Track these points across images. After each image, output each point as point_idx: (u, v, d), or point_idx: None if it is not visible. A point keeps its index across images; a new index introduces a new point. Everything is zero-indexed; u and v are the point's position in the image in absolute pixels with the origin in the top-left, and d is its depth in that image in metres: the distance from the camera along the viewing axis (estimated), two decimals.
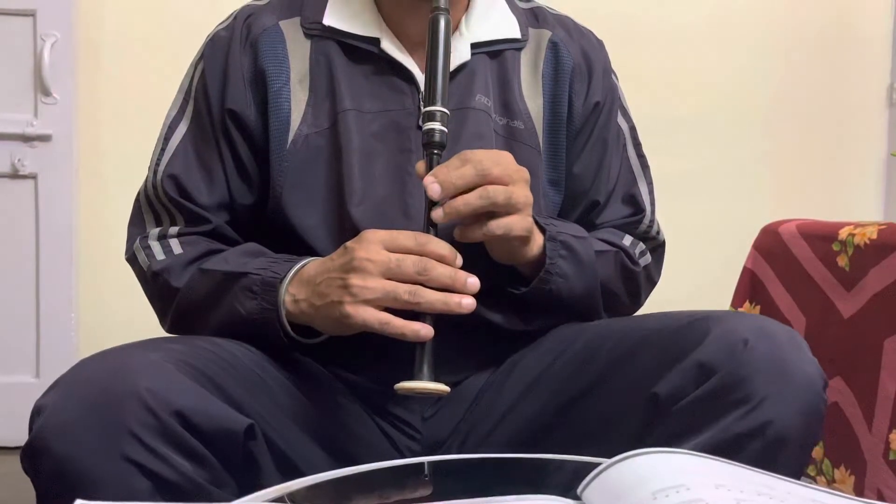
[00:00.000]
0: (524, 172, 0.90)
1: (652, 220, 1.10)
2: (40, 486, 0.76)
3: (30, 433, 0.75)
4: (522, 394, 0.97)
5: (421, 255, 0.84)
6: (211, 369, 0.82)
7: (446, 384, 0.84)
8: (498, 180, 0.86)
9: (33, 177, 2.43)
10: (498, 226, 0.87)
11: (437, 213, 0.85)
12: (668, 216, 1.14)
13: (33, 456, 0.75)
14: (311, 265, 0.90)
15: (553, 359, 0.97)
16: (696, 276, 2.45)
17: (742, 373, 0.79)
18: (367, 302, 0.83)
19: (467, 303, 0.84)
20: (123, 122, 2.46)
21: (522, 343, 1.01)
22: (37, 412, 0.76)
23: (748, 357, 0.80)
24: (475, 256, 0.89)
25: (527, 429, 0.95)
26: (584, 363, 0.94)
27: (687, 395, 0.81)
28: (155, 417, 0.74)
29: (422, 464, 0.80)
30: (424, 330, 0.83)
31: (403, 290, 0.83)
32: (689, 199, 2.61)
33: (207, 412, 0.77)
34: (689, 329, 0.86)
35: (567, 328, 1.00)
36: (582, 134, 1.06)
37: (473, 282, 0.85)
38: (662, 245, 1.12)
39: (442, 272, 0.84)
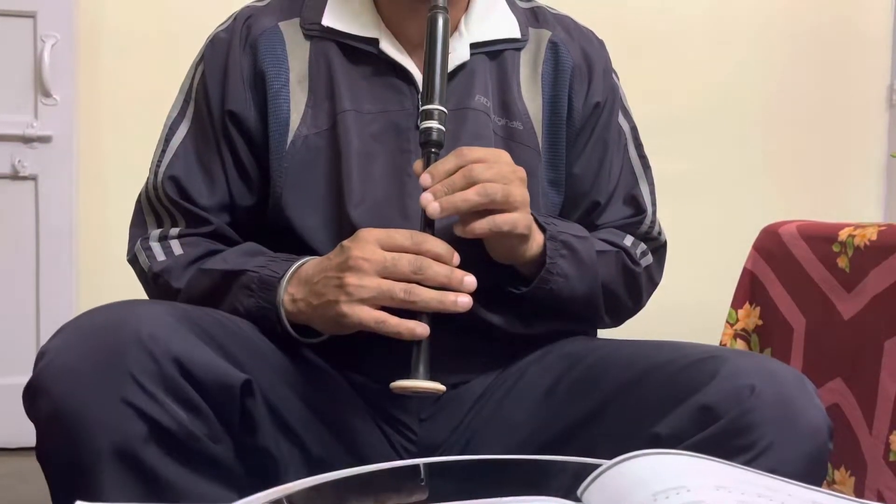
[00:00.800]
0: (520, 172, 0.90)
1: (653, 221, 1.10)
2: (39, 427, 0.77)
3: (32, 375, 0.77)
4: (526, 409, 0.97)
5: (417, 254, 0.84)
6: (212, 327, 0.83)
7: (444, 386, 0.84)
8: (492, 181, 0.86)
9: (33, 178, 2.43)
10: (504, 221, 0.87)
11: (434, 209, 0.85)
12: (667, 217, 1.14)
13: (33, 397, 0.76)
14: (308, 264, 0.90)
15: (559, 376, 0.96)
16: (696, 277, 2.45)
17: (748, 420, 0.78)
18: (363, 301, 0.83)
19: (463, 301, 0.84)
20: (124, 124, 2.46)
21: (522, 346, 1.01)
22: (40, 356, 0.78)
23: (754, 403, 0.79)
24: (474, 256, 0.89)
25: (526, 446, 0.94)
26: (590, 387, 0.93)
27: (689, 437, 0.80)
28: (155, 363, 0.75)
29: (421, 465, 0.80)
30: (420, 328, 0.83)
31: (399, 289, 0.83)
32: (689, 200, 2.60)
33: (206, 364, 0.78)
34: (694, 368, 0.84)
35: (575, 343, 1.00)
36: (582, 134, 1.06)
37: (470, 280, 0.85)
38: (664, 246, 1.12)
39: (438, 270, 0.84)
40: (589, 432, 0.91)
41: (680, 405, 0.82)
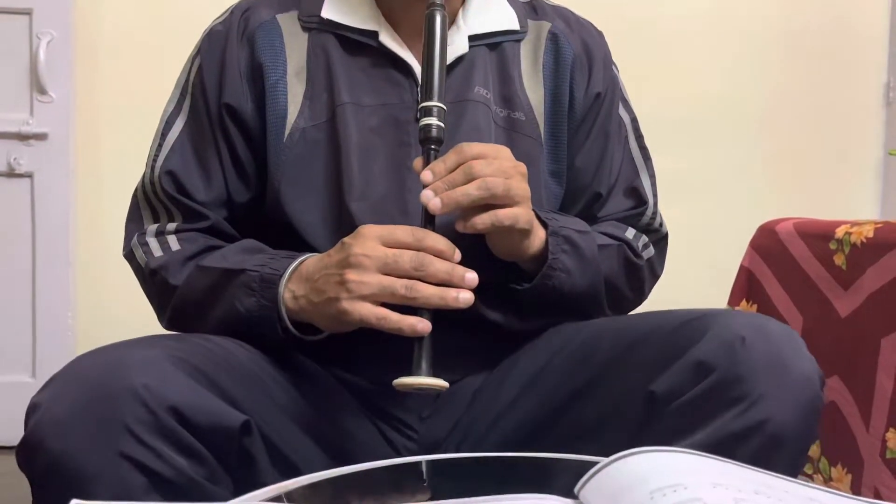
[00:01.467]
0: (521, 167, 0.90)
1: (654, 212, 1.10)
2: (35, 483, 0.76)
3: (25, 430, 0.75)
4: (520, 392, 0.97)
5: (418, 251, 0.84)
6: (207, 366, 0.82)
7: (447, 382, 0.84)
8: (493, 176, 0.86)
9: (29, 175, 2.43)
10: (506, 215, 0.87)
11: (435, 204, 0.85)
12: (665, 215, 1.14)
13: (28, 452, 0.75)
14: (309, 261, 0.90)
15: (550, 356, 0.97)
16: (693, 274, 2.45)
17: (739, 371, 0.79)
18: (364, 297, 0.83)
19: (464, 297, 0.83)
20: (120, 121, 2.46)
21: (522, 343, 1.01)
22: (32, 409, 0.76)
23: (745, 355, 0.80)
24: (475, 253, 0.89)
25: (524, 427, 0.95)
26: (581, 361, 0.93)
27: (684, 393, 0.81)
28: (150, 413, 0.74)
29: (419, 463, 0.80)
30: (421, 325, 0.82)
31: (400, 285, 0.82)
32: (687, 197, 2.61)
33: (203, 408, 0.77)
34: (686, 327, 0.85)
35: (565, 326, 1.00)
36: (583, 126, 1.06)
37: (472, 277, 0.84)
38: (665, 237, 1.12)
39: (439, 267, 0.83)
40: (586, 402, 0.91)
41: (674, 363, 0.83)
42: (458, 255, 0.86)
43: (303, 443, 0.91)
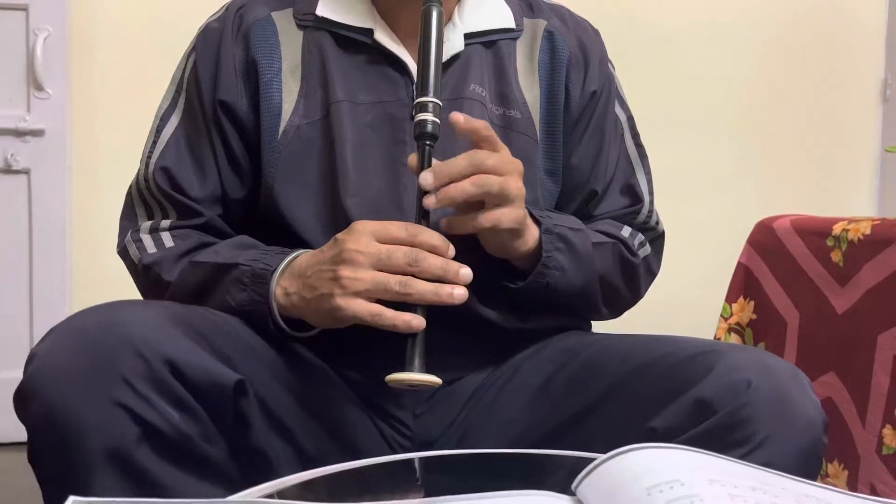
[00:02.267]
0: (518, 164, 0.90)
1: (651, 210, 1.10)
2: (30, 430, 0.76)
3: (22, 378, 0.76)
4: (521, 403, 0.96)
5: (412, 246, 0.84)
6: (204, 327, 0.83)
7: (440, 379, 0.83)
8: (493, 170, 0.86)
9: (26, 172, 2.42)
10: (487, 218, 0.87)
11: (430, 200, 0.84)
12: (663, 212, 1.13)
13: (24, 400, 0.76)
14: (302, 257, 0.90)
15: (554, 371, 0.96)
16: (690, 271, 2.46)
17: (744, 414, 0.78)
18: (358, 294, 0.83)
19: (459, 293, 0.83)
20: (116, 117, 2.46)
21: (519, 342, 1.01)
22: (29, 359, 0.77)
23: (750, 398, 0.79)
24: (470, 250, 0.89)
25: (521, 442, 0.94)
26: (585, 382, 0.93)
27: (685, 431, 0.80)
28: (147, 364, 0.74)
29: (416, 460, 0.80)
30: (416, 321, 0.82)
31: (394, 282, 0.82)
32: (684, 194, 2.61)
33: (198, 364, 0.78)
34: (691, 362, 0.85)
35: (570, 338, 1.00)
36: (579, 123, 1.06)
37: (466, 272, 0.84)
38: (662, 236, 1.12)
39: (433, 263, 0.83)
40: (584, 427, 0.91)
41: (676, 399, 0.82)
42: (451, 250, 0.86)
43: (297, 409, 0.91)
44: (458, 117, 0.86)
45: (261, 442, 0.86)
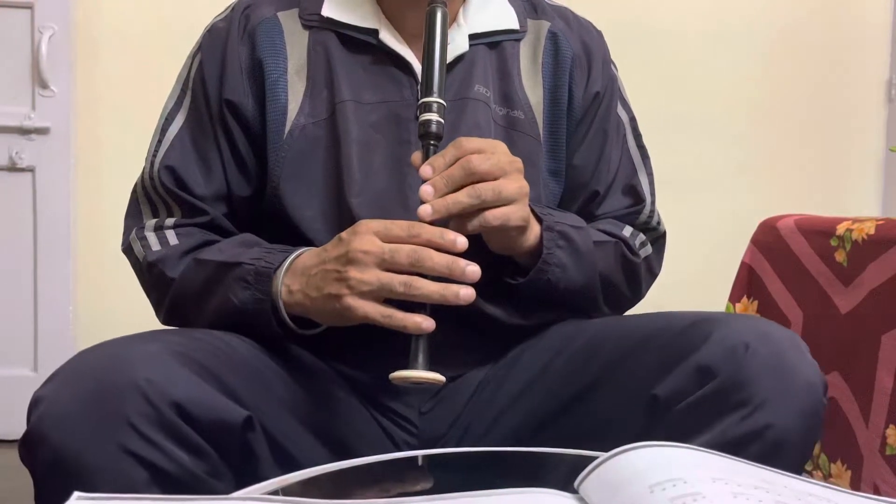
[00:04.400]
0: (517, 163, 0.90)
1: (652, 211, 1.10)
2: (37, 477, 0.76)
3: (28, 424, 0.76)
4: (522, 391, 0.97)
5: (415, 245, 0.84)
6: (209, 361, 0.82)
7: (444, 377, 0.84)
8: (487, 175, 0.86)
9: (31, 170, 2.43)
10: (494, 216, 0.87)
11: (426, 210, 0.85)
12: (666, 211, 1.14)
13: (31, 447, 0.75)
14: (304, 255, 0.90)
15: (553, 356, 0.97)
16: (694, 271, 2.45)
17: (742, 376, 0.79)
18: (365, 294, 0.83)
19: (465, 293, 0.83)
20: (121, 115, 2.46)
21: (522, 338, 1.01)
22: (34, 403, 0.76)
23: (749, 361, 0.80)
24: (473, 248, 0.89)
25: (525, 426, 0.95)
26: (585, 362, 0.93)
27: (687, 397, 0.81)
28: (153, 408, 0.74)
29: (420, 457, 0.80)
30: (426, 322, 0.82)
31: (398, 283, 0.82)
32: (687, 194, 2.61)
33: (205, 403, 0.77)
34: (690, 331, 0.85)
35: (568, 325, 1.00)
36: (582, 124, 1.06)
37: (473, 269, 0.83)
38: (663, 236, 1.12)
39: (438, 261, 0.83)
40: (588, 403, 0.92)
41: (677, 367, 0.83)
42: (461, 241, 0.85)
43: (304, 437, 0.91)
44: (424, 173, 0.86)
45: (267, 473, 0.86)
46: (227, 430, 0.79)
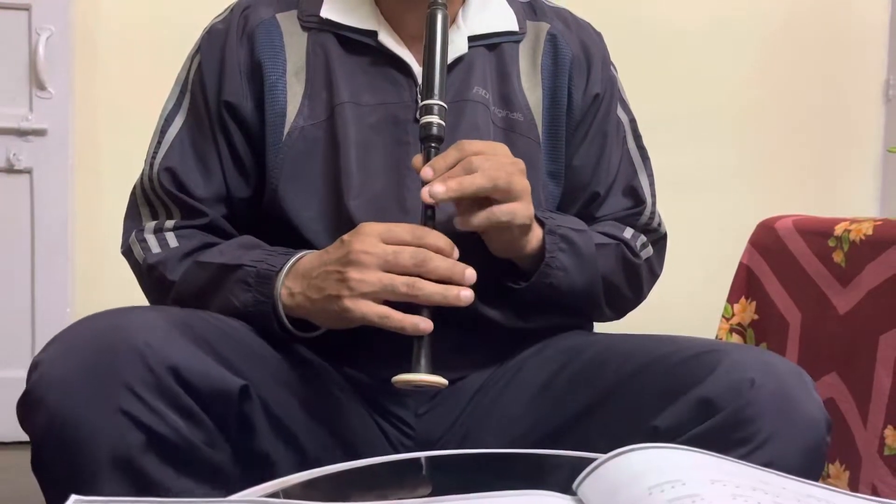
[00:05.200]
0: (520, 164, 0.90)
1: (653, 212, 1.10)
2: (35, 439, 0.76)
3: (26, 387, 0.76)
4: (523, 402, 0.96)
5: (419, 248, 0.84)
6: (208, 333, 0.83)
7: (446, 380, 0.84)
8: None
9: (28, 171, 2.42)
10: (502, 211, 0.87)
11: (438, 189, 0.83)
12: (664, 212, 1.14)
13: (28, 408, 0.76)
14: (306, 258, 0.90)
15: (557, 369, 0.96)
16: (692, 271, 2.45)
17: (747, 413, 0.79)
18: (365, 295, 0.83)
19: (466, 295, 0.83)
20: (119, 117, 2.46)
21: (522, 341, 1.01)
22: (33, 367, 0.77)
23: (753, 397, 0.79)
24: (473, 251, 0.89)
25: (524, 439, 0.95)
26: (588, 380, 0.93)
27: (688, 430, 0.81)
28: (151, 372, 0.75)
29: (418, 459, 0.80)
30: (424, 324, 0.82)
31: (401, 283, 0.82)
32: (686, 194, 2.60)
33: (202, 371, 0.78)
34: (694, 361, 0.85)
35: (573, 337, 1.00)
36: (582, 126, 1.06)
37: (471, 273, 0.84)
38: (664, 237, 1.12)
39: (439, 264, 0.83)
40: (587, 426, 0.91)
41: (679, 398, 0.82)
42: (456, 253, 0.86)
43: (302, 413, 0.91)
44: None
45: (265, 445, 0.87)
46: (223, 399, 0.80)
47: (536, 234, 0.94)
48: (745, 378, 0.80)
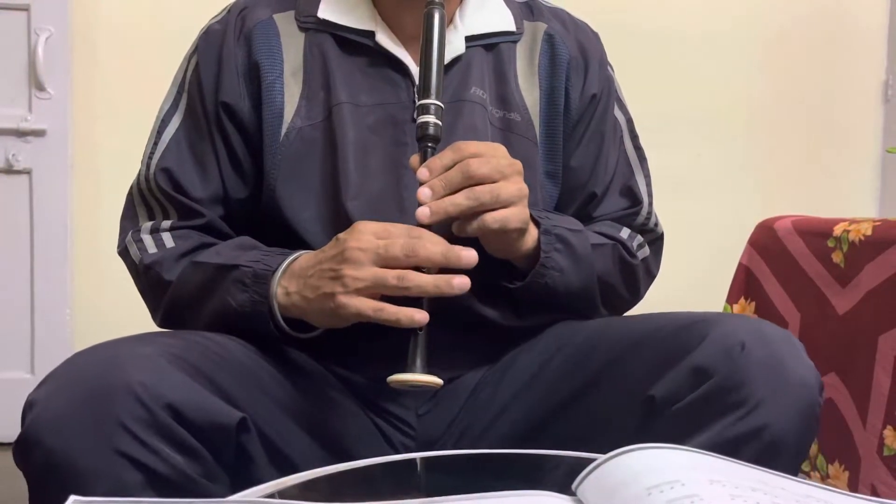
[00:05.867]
0: (517, 165, 0.90)
1: (650, 212, 1.10)
2: (32, 480, 0.76)
3: (22, 427, 0.75)
4: (518, 391, 0.97)
5: (410, 238, 0.84)
6: (203, 363, 0.82)
7: (441, 380, 0.83)
8: (485, 179, 0.86)
9: (28, 172, 2.43)
10: (494, 219, 0.87)
11: (424, 212, 0.85)
12: (663, 212, 1.14)
13: (25, 450, 0.75)
14: (302, 258, 0.90)
15: (549, 356, 0.97)
16: (691, 272, 2.46)
17: (738, 377, 0.79)
18: (360, 291, 0.82)
19: (459, 282, 0.82)
20: (118, 117, 2.46)
21: (519, 340, 1.01)
22: (29, 406, 0.76)
23: (745, 361, 0.80)
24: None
25: (522, 427, 0.95)
26: (581, 362, 0.93)
27: (683, 397, 0.81)
28: (147, 410, 0.74)
29: (417, 460, 0.80)
30: (419, 314, 0.81)
31: (392, 276, 0.82)
32: (685, 195, 2.61)
33: (199, 405, 0.77)
34: (686, 331, 0.85)
35: (564, 326, 1.00)
36: (579, 126, 1.06)
37: (469, 255, 0.83)
38: (661, 238, 1.12)
39: (432, 249, 0.82)
40: (585, 403, 0.91)
41: (672, 368, 0.83)
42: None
43: (300, 440, 0.91)
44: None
45: (262, 475, 0.86)
46: (221, 432, 0.79)
47: (532, 234, 0.94)
48: (735, 343, 0.81)
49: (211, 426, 0.78)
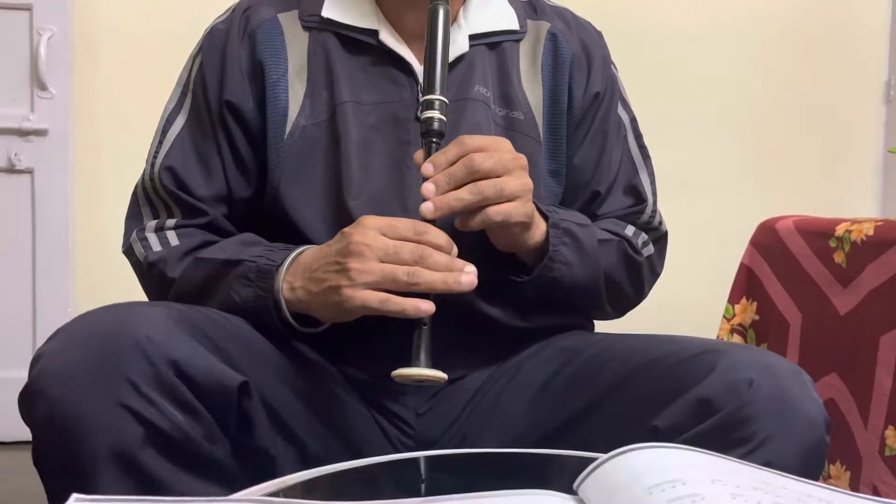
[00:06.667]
0: (521, 160, 0.90)
1: (654, 211, 1.10)
2: (35, 431, 0.77)
3: (28, 379, 0.76)
4: (522, 404, 0.97)
5: (418, 244, 0.84)
6: (209, 328, 0.83)
7: (446, 375, 0.84)
8: (490, 174, 0.86)
9: (29, 171, 2.43)
10: (497, 212, 0.87)
11: (427, 208, 0.85)
12: (665, 212, 1.14)
13: (29, 400, 0.76)
14: (307, 252, 0.90)
15: (556, 370, 0.96)
16: (693, 272, 2.45)
17: (745, 413, 0.79)
18: (366, 285, 0.83)
19: (467, 280, 0.83)
20: (120, 117, 2.46)
21: (522, 341, 1.01)
22: (35, 360, 0.77)
23: (752, 396, 0.79)
24: (476, 247, 0.89)
25: (524, 440, 0.94)
26: (587, 381, 0.93)
27: (687, 430, 0.81)
28: (151, 366, 0.75)
29: (418, 459, 0.80)
30: (425, 305, 0.82)
31: (402, 271, 0.82)
32: (686, 195, 2.60)
33: (202, 366, 0.78)
34: (693, 362, 0.85)
35: (572, 338, 1.00)
36: (582, 125, 1.06)
37: (470, 270, 0.84)
38: (665, 236, 1.12)
39: (439, 259, 0.83)
40: (587, 426, 0.91)
41: (678, 398, 0.82)
42: (455, 250, 0.86)
43: (302, 411, 0.91)
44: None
45: (264, 442, 0.87)
46: (223, 394, 0.80)
47: (540, 228, 0.94)
48: (743, 378, 0.80)
49: (213, 387, 0.79)
